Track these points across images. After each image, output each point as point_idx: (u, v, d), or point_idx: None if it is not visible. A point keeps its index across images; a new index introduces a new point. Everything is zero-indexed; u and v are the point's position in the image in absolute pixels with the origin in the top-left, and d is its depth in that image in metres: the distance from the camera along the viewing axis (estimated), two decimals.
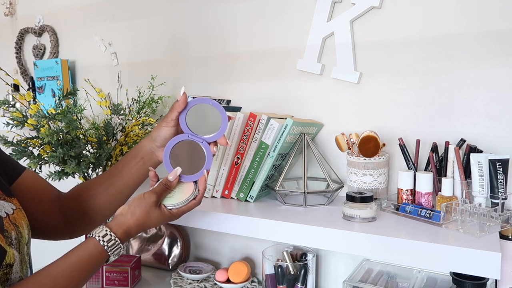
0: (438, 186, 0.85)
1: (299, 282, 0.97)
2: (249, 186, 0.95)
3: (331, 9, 1.01)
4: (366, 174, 0.90)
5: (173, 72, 1.29)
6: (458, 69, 0.90)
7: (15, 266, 0.56)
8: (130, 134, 1.19)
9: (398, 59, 0.96)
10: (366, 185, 0.90)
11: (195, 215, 0.89)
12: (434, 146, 0.89)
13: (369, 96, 1.00)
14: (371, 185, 0.90)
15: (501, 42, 0.86)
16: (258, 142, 0.93)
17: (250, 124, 0.94)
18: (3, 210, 0.59)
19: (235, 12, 1.17)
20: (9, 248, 0.55)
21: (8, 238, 0.56)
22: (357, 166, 0.90)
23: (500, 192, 0.78)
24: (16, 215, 0.61)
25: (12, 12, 1.67)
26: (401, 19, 0.95)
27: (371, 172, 0.89)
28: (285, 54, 1.09)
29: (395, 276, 0.94)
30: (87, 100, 1.34)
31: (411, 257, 0.68)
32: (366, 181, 0.90)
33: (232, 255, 1.22)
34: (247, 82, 1.16)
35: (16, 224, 0.59)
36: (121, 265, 1.12)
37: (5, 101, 1.16)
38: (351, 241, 0.74)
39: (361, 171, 0.90)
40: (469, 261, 0.64)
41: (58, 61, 1.44)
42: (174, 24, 1.28)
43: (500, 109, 0.87)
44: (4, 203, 0.61)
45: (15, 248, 0.57)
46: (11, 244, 0.56)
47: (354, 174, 0.91)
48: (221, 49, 1.20)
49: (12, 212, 0.60)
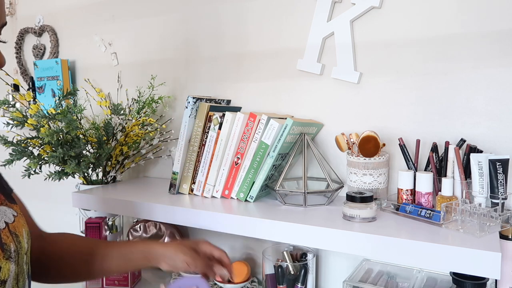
0: (438, 186, 0.85)
1: (299, 282, 0.97)
2: (249, 186, 0.95)
3: (331, 9, 1.01)
4: (366, 174, 0.89)
5: (173, 72, 1.29)
6: (458, 69, 0.90)
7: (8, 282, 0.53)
8: (130, 134, 1.19)
9: (398, 59, 0.96)
10: (366, 185, 0.90)
11: (195, 215, 0.89)
12: (434, 146, 0.89)
13: (369, 96, 1.00)
14: (371, 185, 0.90)
15: (501, 42, 0.86)
16: (258, 142, 0.93)
17: (250, 124, 0.94)
18: (3, 219, 0.57)
19: (235, 12, 1.17)
20: (6, 262, 0.53)
21: (7, 251, 0.54)
22: (357, 166, 0.90)
23: (500, 192, 0.78)
24: (16, 223, 0.59)
25: (12, 12, 1.67)
26: (401, 19, 0.95)
27: (371, 172, 0.89)
28: (285, 54, 1.09)
29: (395, 276, 0.94)
30: (87, 100, 1.34)
31: (411, 257, 0.68)
32: (366, 181, 0.90)
33: (232, 255, 1.22)
34: (247, 82, 1.16)
35: (16, 233, 0.57)
36: None
37: (5, 101, 1.16)
38: (351, 241, 0.74)
39: (361, 171, 0.90)
40: (469, 261, 0.64)
41: (58, 61, 1.44)
42: (174, 24, 1.28)
43: (500, 109, 0.87)
44: (6, 209, 0.59)
45: (13, 261, 0.55)
46: (10, 258, 0.54)
47: (354, 174, 0.91)
48: (221, 50, 1.20)
49: (13, 220, 0.58)
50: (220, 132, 0.97)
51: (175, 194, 1.03)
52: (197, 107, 1.00)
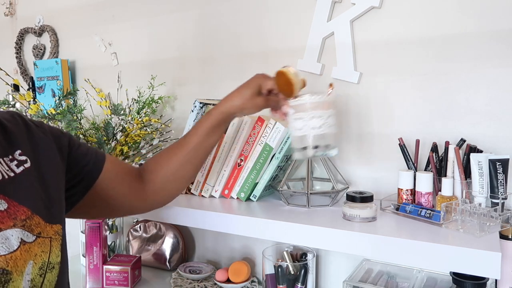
0: (438, 186, 0.85)
1: (299, 282, 0.97)
2: (250, 187, 0.95)
3: (331, 9, 1.01)
4: (315, 117, 0.75)
5: (173, 72, 1.29)
6: (458, 69, 0.90)
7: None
8: (130, 135, 1.19)
9: (398, 59, 0.96)
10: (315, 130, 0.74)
11: (196, 215, 0.89)
12: (434, 146, 0.89)
13: (369, 96, 1.00)
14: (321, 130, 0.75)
15: (501, 42, 0.86)
16: (263, 144, 0.93)
17: (257, 128, 0.94)
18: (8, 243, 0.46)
19: (235, 12, 1.17)
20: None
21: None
22: (303, 109, 0.76)
23: (500, 192, 0.78)
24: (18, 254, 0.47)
25: (12, 12, 1.67)
26: (401, 19, 0.95)
27: (321, 114, 0.75)
28: (285, 54, 1.09)
29: (395, 276, 0.94)
30: (87, 100, 1.34)
31: (411, 257, 0.68)
32: (315, 126, 0.75)
33: (232, 255, 1.22)
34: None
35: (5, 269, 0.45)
36: (121, 265, 1.12)
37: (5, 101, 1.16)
38: (351, 241, 0.73)
39: (310, 113, 0.75)
40: (469, 261, 0.64)
41: (58, 61, 1.44)
42: (174, 24, 1.28)
43: (500, 109, 0.87)
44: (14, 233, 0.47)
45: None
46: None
47: (300, 120, 0.75)
48: (221, 50, 1.20)
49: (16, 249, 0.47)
50: (224, 135, 0.98)
51: None
52: (203, 112, 1.01)
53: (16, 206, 0.50)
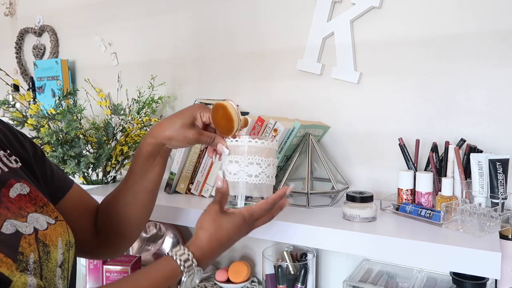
0: (438, 186, 0.85)
1: (299, 282, 0.97)
2: None
3: (331, 9, 1.01)
4: (252, 163, 0.65)
5: (173, 72, 1.29)
6: (458, 69, 0.90)
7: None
8: (130, 134, 1.19)
9: (398, 59, 0.96)
10: (251, 179, 0.65)
11: (196, 215, 0.89)
12: (434, 146, 0.89)
13: (369, 96, 1.00)
14: (257, 179, 0.65)
15: (501, 42, 0.86)
16: None
17: (257, 128, 0.94)
18: (32, 225, 0.50)
19: (235, 12, 1.17)
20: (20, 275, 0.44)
21: (22, 263, 0.45)
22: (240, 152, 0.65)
23: (500, 192, 0.78)
24: (50, 231, 0.51)
25: (12, 12, 1.67)
26: (401, 19, 0.95)
27: (259, 160, 0.65)
28: (285, 54, 1.09)
29: (395, 276, 0.94)
30: (87, 100, 1.34)
31: (411, 257, 0.68)
32: (252, 174, 0.64)
33: (232, 255, 1.22)
34: (246, 82, 1.16)
35: (44, 242, 0.49)
36: (121, 265, 1.12)
37: (5, 101, 1.16)
38: (351, 241, 0.73)
39: (247, 158, 0.65)
40: (469, 261, 0.64)
41: (58, 61, 1.44)
42: (174, 24, 1.28)
43: (500, 109, 0.87)
44: (39, 216, 0.52)
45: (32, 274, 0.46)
46: (26, 270, 0.45)
47: (236, 163, 0.65)
48: (221, 50, 1.20)
49: (46, 227, 0.51)
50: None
51: (170, 193, 1.03)
52: None
53: (35, 191, 0.55)
